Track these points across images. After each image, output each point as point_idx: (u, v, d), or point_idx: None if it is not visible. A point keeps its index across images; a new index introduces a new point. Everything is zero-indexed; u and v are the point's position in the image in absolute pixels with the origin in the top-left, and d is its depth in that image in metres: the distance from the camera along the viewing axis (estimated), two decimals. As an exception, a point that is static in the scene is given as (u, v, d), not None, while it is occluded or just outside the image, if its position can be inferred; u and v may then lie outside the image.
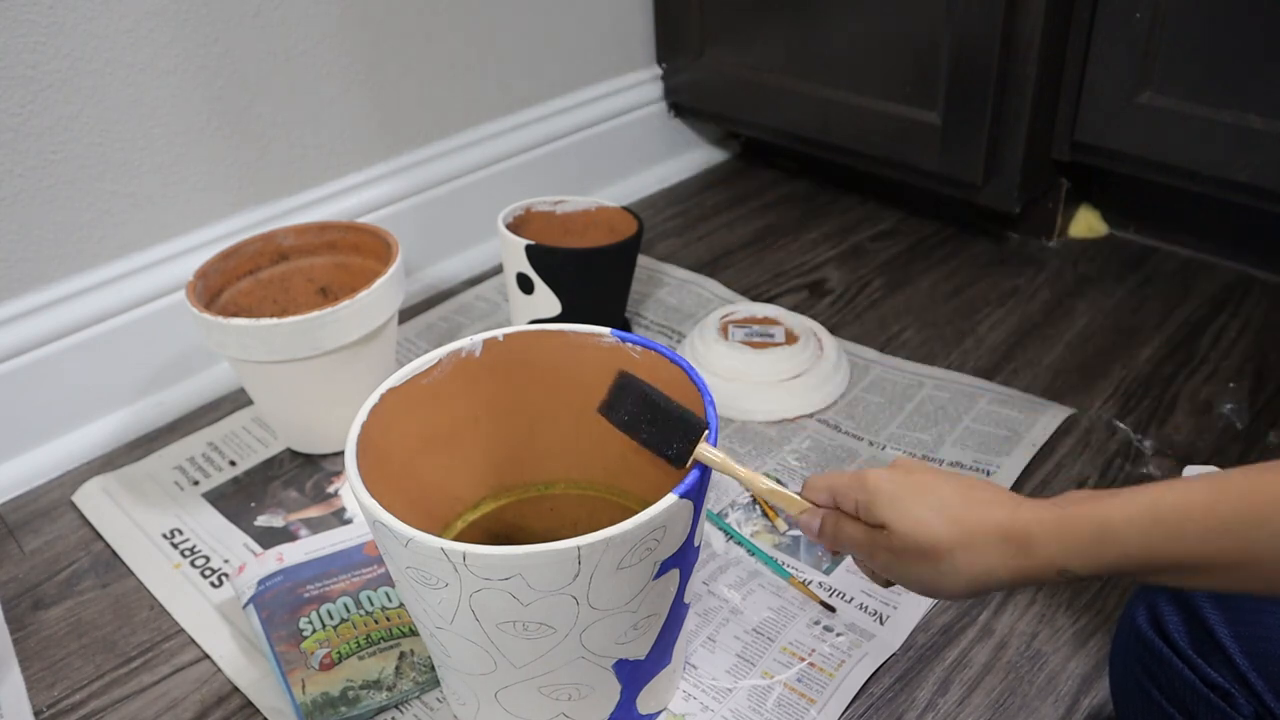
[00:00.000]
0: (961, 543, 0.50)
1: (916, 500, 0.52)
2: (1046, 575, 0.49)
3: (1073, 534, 0.48)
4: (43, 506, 0.92)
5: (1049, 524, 0.48)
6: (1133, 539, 0.46)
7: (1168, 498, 0.46)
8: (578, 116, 1.34)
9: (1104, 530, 0.47)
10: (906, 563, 0.52)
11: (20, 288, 0.93)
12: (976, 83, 1.07)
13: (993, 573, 0.50)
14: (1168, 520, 0.45)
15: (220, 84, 1.00)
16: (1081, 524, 0.47)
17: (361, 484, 0.57)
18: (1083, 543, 0.47)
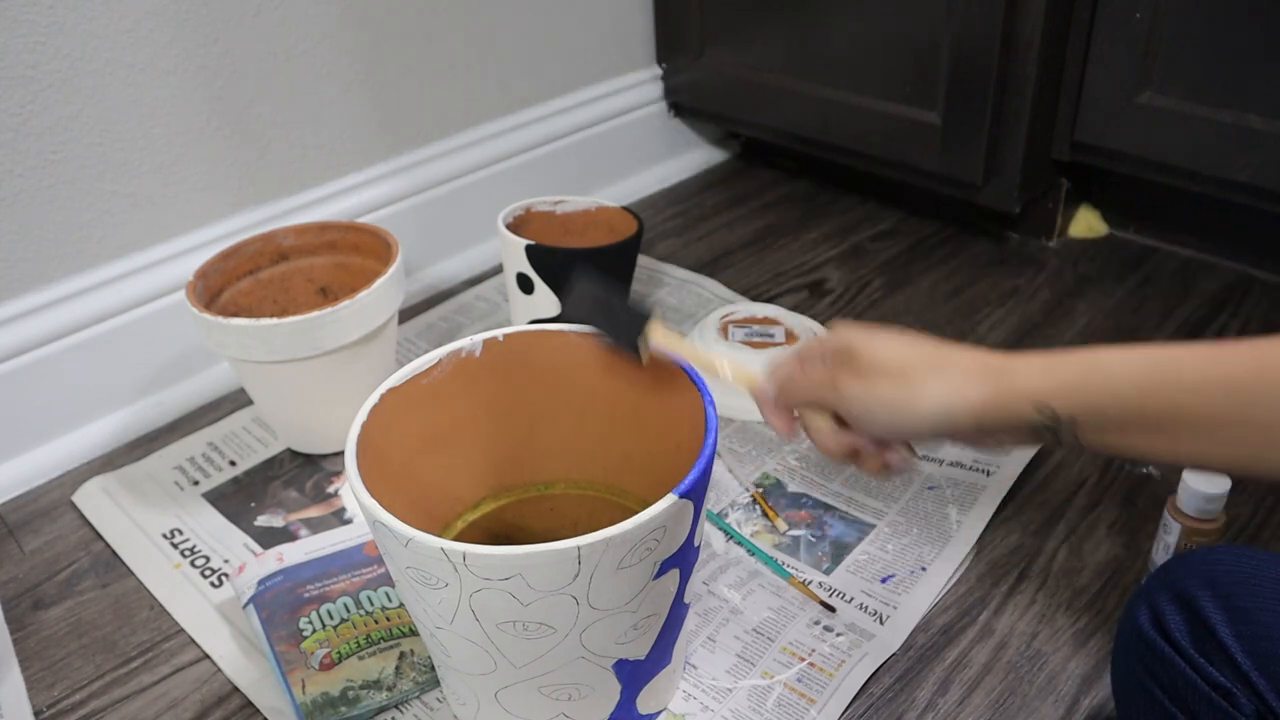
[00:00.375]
0: (937, 367, 0.48)
1: (892, 336, 0.50)
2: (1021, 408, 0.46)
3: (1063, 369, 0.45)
4: (43, 506, 0.92)
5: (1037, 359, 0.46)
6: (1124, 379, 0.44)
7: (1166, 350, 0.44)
8: (578, 116, 1.34)
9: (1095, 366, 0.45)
10: (875, 385, 0.49)
11: (20, 288, 0.93)
12: (976, 83, 1.07)
13: (966, 398, 0.47)
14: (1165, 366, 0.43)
15: (220, 84, 1.00)
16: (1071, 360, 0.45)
17: (361, 484, 0.56)
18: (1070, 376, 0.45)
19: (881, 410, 0.49)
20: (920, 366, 0.48)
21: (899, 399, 0.48)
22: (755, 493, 0.86)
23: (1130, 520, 0.81)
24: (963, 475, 0.86)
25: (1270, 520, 0.80)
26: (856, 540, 0.81)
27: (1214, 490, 0.67)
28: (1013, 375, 0.46)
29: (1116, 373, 0.44)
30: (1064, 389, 0.45)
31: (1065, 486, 0.85)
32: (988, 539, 0.80)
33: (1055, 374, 0.45)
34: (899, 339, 0.50)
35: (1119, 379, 0.44)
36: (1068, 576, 0.77)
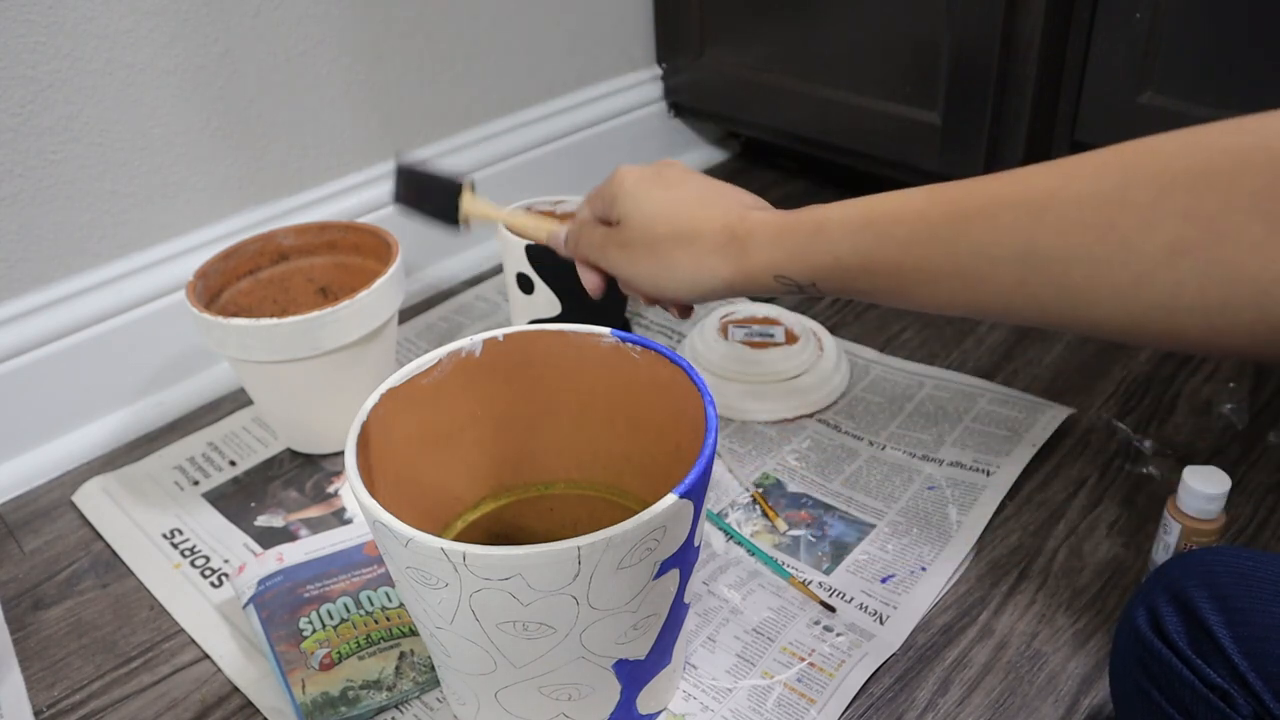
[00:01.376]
0: (685, 239, 0.50)
1: (655, 197, 0.52)
2: (764, 280, 0.48)
3: (791, 236, 0.47)
4: (43, 506, 0.92)
5: (771, 227, 0.48)
6: (845, 240, 0.45)
7: (886, 203, 0.45)
8: (578, 116, 1.34)
9: (819, 231, 0.46)
10: (635, 258, 0.53)
11: (20, 288, 0.93)
12: (976, 83, 1.07)
13: (714, 271, 0.50)
14: (879, 223, 0.44)
15: (220, 84, 1.00)
16: (801, 226, 0.47)
17: (361, 484, 0.57)
18: (799, 244, 0.47)
19: (641, 280, 0.53)
20: (670, 241, 0.51)
21: (654, 273, 0.52)
22: (755, 493, 0.86)
23: (1130, 520, 0.81)
24: (963, 475, 0.86)
25: (1270, 520, 0.80)
26: (856, 540, 0.81)
27: (1214, 490, 0.67)
28: (752, 248, 0.48)
29: (838, 236, 0.45)
30: (795, 258, 0.47)
31: (1065, 486, 0.85)
32: (988, 539, 0.80)
33: (786, 244, 0.47)
34: (657, 200, 0.52)
35: (840, 242, 0.45)
36: (1068, 576, 0.77)
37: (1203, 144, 0.36)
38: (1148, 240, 0.37)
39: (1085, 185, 0.38)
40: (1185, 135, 0.37)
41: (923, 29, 1.10)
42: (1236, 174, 0.35)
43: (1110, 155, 0.39)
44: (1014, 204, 0.40)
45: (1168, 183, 0.36)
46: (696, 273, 0.51)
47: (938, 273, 0.42)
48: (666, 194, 0.52)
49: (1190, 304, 0.36)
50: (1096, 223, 0.38)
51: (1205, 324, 0.37)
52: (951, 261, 0.42)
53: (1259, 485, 0.83)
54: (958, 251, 0.41)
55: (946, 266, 0.42)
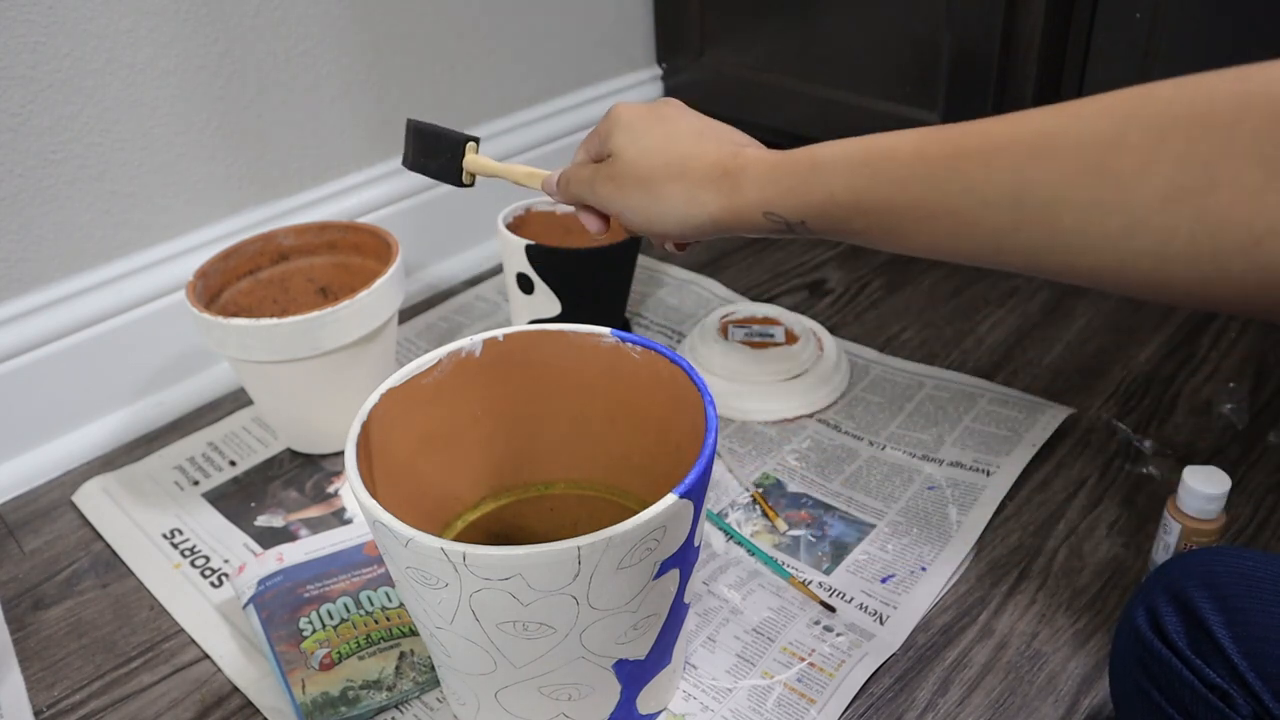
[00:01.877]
0: (676, 173, 0.50)
1: (650, 131, 0.52)
2: (754, 216, 0.48)
3: (784, 173, 0.47)
4: (43, 506, 0.92)
5: (765, 164, 0.48)
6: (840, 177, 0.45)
7: (882, 141, 0.44)
8: (578, 116, 1.34)
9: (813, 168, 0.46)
10: (626, 191, 0.52)
11: (20, 288, 0.93)
12: (976, 83, 1.07)
13: (704, 206, 0.49)
14: (875, 162, 0.44)
15: (220, 84, 1.00)
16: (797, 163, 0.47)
17: (361, 484, 0.57)
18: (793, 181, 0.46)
19: (632, 215, 0.53)
20: (662, 173, 0.50)
21: (644, 206, 0.51)
22: (755, 493, 0.86)
23: (1130, 520, 0.81)
24: (963, 475, 0.86)
25: (1270, 520, 0.80)
26: (856, 540, 0.81)
27: (1214, 490, 0.67)
28: (743, 184, 0.48)
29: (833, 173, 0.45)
30: (787, 195, 0.46)
31: (1065, 486, 0.85)
32: (988, 539, 0.80)
33: (780, 181, 0.47)
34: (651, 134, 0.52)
35: (835, 180, 0.45)
36: (1068, 576, 0.77)
37: (1204, 89, 0.36)
38: (1142, 185, 0.36)
39: (1082, 127, 0.38)
40: (1186, 81, 0.36)
41: (923, 29, 1.10)
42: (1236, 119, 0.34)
43: (1110, 100, 0.38)
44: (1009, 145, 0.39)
45: (1166, 126, 0.36)
46: (687, 206, 0.50)
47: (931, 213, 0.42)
48: (662, 127, 0.52)
49: (1180, 251, 0.36)
50: (1091, 166, 0.37)
51: (1194, 273, 0.36)
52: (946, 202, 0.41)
53: (1259, 485, 0.83)
54: (952, 192, 0.41)
55: (941, 207, 0.41)
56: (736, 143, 0.51)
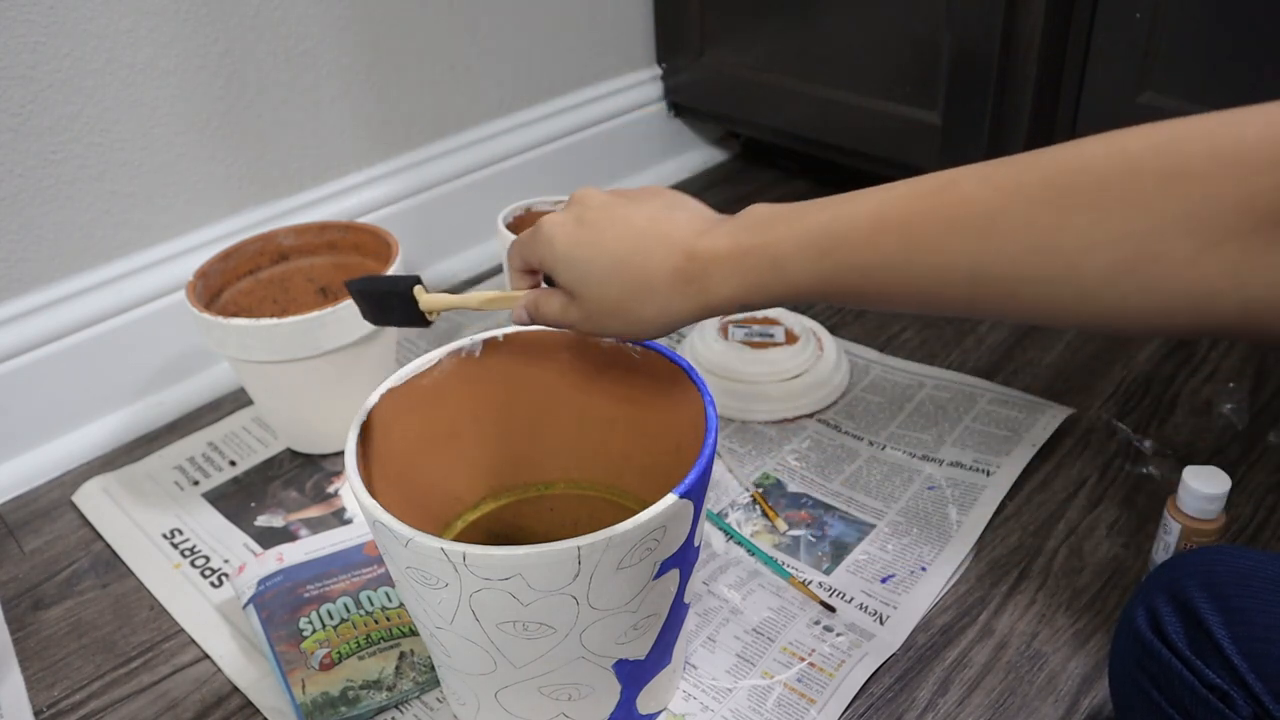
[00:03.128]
0: (642, 294, 0.51)
1: (594, 259, 0.52)
2: (730, 309, 0.50)
3: (747, 269, 0.48)
4: (43, 506, 0.92)
5: (726, 261, 0.48)
6: (802, 272, 0.46)
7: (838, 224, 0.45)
8: (578, 116, 1.34)
9: (776, 265, 0.47)
10: (601, 322, 0.53)
11: (20, 288, 0.93)
12: (976, 83, 1.07)
13: (680, 313, 0.51)
14: (833, 254, 0.45)
15: (220, 84, 1.00)
16: (756, 259, 0.48)
17: (361, 484, 0.57)
18: (757, 278, 0.48)
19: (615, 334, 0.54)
20: (629, 301, 0.51)
21: (623, 327, 0.53)
22: (755, 493, 0.86)
23: (1130, 520, 0.81)
24: (963, 475, 0.86)
25: (1270, 520, 0.80)
26: (856, 540, 0.81)
27: (1214, 490, 0.67)
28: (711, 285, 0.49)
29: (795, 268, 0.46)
30: (755, 291, 0.48)
31: (1065, 486, 0.85)
32: (988, 539, 0.80)
33: (744, 277, 0.48)
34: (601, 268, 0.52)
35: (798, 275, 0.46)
36: (1068, 576, 0.77)
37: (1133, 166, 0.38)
38: (1088, 261, 0.38)
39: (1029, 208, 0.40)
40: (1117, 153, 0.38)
41: (923, 29, 1.10)
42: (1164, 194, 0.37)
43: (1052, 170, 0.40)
44: (961, 227, 0.41)
45: (1104, 204, 0.38)
46: (664, 317, 0.51)
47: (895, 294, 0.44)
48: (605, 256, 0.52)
49: (1133, 314, 0.39)
50: (1039, 247, 0.39)
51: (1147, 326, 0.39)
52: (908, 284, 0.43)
53: (1259, 485, 0.83)
54: (913, 276, 0.43)
55: (903, 289, 0.44)
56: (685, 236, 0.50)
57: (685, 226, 0.51)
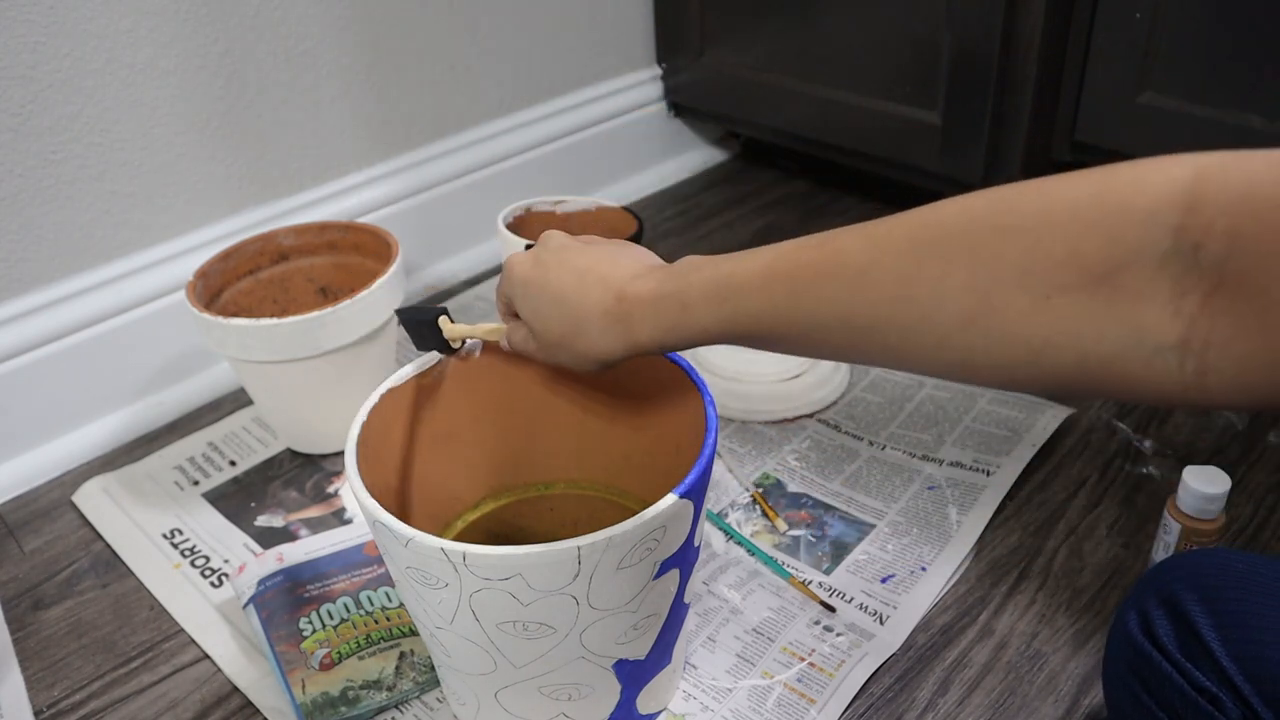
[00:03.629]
0: (576, 330, 0.56)
1: (541, 295, 0.57)
2: (650, 348, 0.54)
3: (662, 313, 0.52)
4: (43, 506, 0.92)
5: (645, 305, 0.53)
6: (707, 315, 0.50)
7: (740, 272, 0.49)
8: (578, 116, 1.34)
9: (685, 310, 0.51)
10: (551, 350, 0.59)
11: (20, 288, 0.93)
12: (976, 83, 1.07)
13: (610, 349, 0.55)
14: (733, 299, 0.49)
15: (220, 84, 1.00)
16: (669, 303, 0.52)
17: (361, 484, 0.57)
18: (670, 321, 0.52)
19: (566, 364, 0.59)
20: (569, 335, 0.57)
21: (569, 360, 0.58)
22: (755, 493, 0.86)
23: (1130, 520, 0.81)
24: (963, 475, 0.86)
25: (1270, 520, 0.80)
26: (856, 540, 0.81)
27: (1214, 490, 0.67)
28: (634, 327, 0.54)
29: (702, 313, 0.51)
30: (670, 333, 0.52)
31: (1065, 486, 0.85)
32: (988, 539, 0.80)
33: (660, 320, 0.53)
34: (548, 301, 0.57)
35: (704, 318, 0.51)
36: (1068, 576, 0.77)
37: (975, 221, 0.41)
38: (941, 311, 0.41)
39: (891, 260, 0.43)
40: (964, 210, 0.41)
41: (923, 29, 1.10)
42: (1000, 252, 0.39)
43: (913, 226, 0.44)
44: (834, 276, 0.45)
45: (951, 258, 0.41)
46: (597, 351, 0.56)
47: (785, 335, 0.48)
48: (550, 291, 0.57)
49: (982, 362, 0.41)
50: (900, 297, 0.43)
51: (1000, 378, 0.41)
52: (795, 329, 0.47)
53: (1259, 485, 0.83)
54: (796, 320, 0.47)
55: (790, 333, 0.47)
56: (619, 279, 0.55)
57: (623, 270, 0.55)
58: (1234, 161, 0.35)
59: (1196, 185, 0.36)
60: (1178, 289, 0.35)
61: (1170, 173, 0.37)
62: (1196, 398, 0.36)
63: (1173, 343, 0.35)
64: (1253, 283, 0.33)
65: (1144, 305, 0.36)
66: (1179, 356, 0.35)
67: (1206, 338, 0.35)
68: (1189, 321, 0.35)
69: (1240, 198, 0.34)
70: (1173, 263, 0.35)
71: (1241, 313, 0.34)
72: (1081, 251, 0.37)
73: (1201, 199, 0.35)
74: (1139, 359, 0.36)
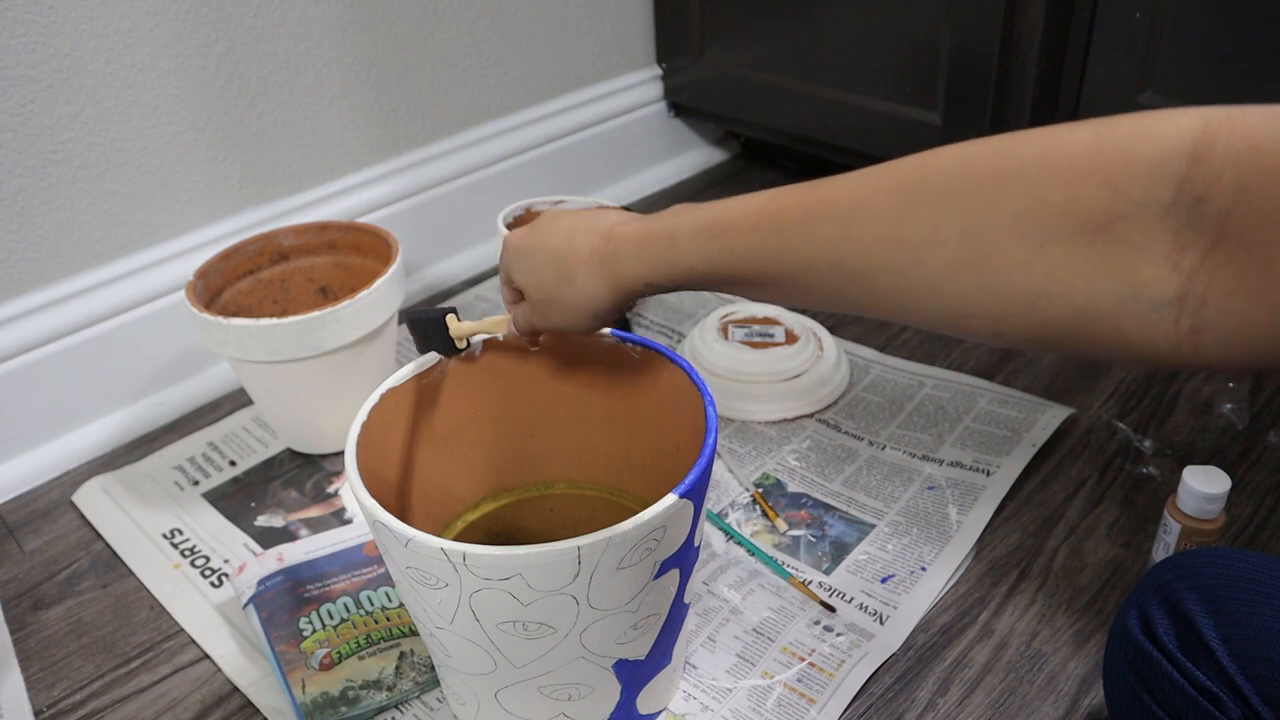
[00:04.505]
0: (565, 277, 0.55)
1: (533, 253, 0.58)
2: (638, 288, 0.53)
3: (650, 248, 0.52)
4: (43, 506, 0.92)
5: (632, 242, 0.53)
6: (694, 251, 0.49)
7: (729, 212, 0.49)
8: (578, 116, 1.34)
9: (671, 243, 0.50)
10: (545, 313, 0.58)
11: (20, 288, 0.93)
12: (976, 83, 1.07)
13: (596, 295, 0.55)
14: (722, 236, 0.48)
15: (220, 84, 1.00)
16: (657, 239, 0.51)
17: (361, 484, 0.57)
18: (657, 256, 0.51)
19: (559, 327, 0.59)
20: (556, 283, 0.56)
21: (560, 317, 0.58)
22: (755, 493, 0.86)
23: (1130, 520, 0.81)
24: (963, 475, 0.86)
25: (1270, 520, 0.80)
26: (856, 540, 0.81)
27: (1214, 490, 0.67)
28: (619, 264, 0.53)
29: (688, 247, 0.50)
30: (656, 269, 0.52)
31: (1065, 486, 0.85)
32: (988, 539, 0.80)
33: (647, 257, 0.52)
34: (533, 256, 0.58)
35: (691, 253, 0.50)
36: (1068, 576, 0.77)
37: (974, 166, 0.40)
38: (933, 256, 0.40)
39: (883, 202, 0.42)
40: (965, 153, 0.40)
41: (923, 29, 1.10)
42: (996, 198, 0.38)
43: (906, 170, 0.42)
44: (826, 216, 0.44)
45: (945, 203, 0.40)
46: (584, 301, 0.55)
47: (774, 277, 0.47)
48: (541, 248, 0.57)
49: (974, 311, 0.40)
50: (892, 238, 0.41)
51: (991, 328, 0.40)
52: (782, 270, 0.46)
53: (1259, 485, 0.83)
54: (784, 261, 0.46)
55: (779, 273, 0.46)
56: (609, 223, 0.55)
57: (610, 219, 0.56)
58: (1242, 115, 0.34)
59: (1204, 137, 0.34)
60: (1177, 243, 0.34)
61: (1178, 123, 0.35)
62: (1189, 356, 0.35)
63: (1169, 298, 0.35)
64: (1256, 237, 0.33)
65: (1142, 258, 0.35)
66: (1175, 312, 0.35)
67: (1204, 294, 0.34)
68: (1187, 276, 0.34)
69: (1249, 150, 0.33)
70: (1173, 216, 0.34)
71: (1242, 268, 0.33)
72: (1080, 200, 0.36)
73: (1209, 151, 0.34)
74: (1133, 314, 0.36)
